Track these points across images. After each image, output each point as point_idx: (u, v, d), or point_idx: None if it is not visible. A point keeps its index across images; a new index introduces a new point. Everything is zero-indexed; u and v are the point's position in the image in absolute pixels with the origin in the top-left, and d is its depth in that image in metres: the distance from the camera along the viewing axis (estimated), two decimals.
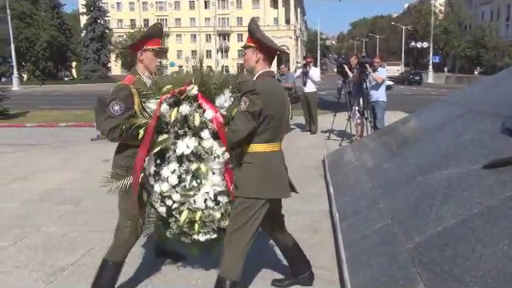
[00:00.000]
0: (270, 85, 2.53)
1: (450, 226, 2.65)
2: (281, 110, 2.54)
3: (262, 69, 2.54)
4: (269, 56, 2.56)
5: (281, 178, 2.60)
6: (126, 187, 2.66)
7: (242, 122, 2.39)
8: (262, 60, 2.53)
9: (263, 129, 2.46)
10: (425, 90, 30.57)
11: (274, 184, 2.54)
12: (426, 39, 54.35)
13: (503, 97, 4.49)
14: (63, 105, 22.40)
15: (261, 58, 2.53)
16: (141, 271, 3.25)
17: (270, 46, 2.52)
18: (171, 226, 2.81)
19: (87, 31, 52.41)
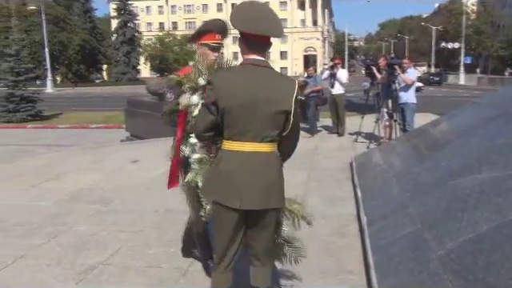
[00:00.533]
0: (230, 74, 2.22)
1: (484, 232, 2.56)
2: (245, 102, 2.04)
3: (245, 57, 2.15)
4: (250, 42, 2.08)
5: (231, 182, 2.08)
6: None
7: (199, 115, 2.29)
8: (244, 48, 2.13)
9: (226, 123, 2.10)
10: (456, 92, 29.83)
11: (219, 186, 2.13)
12: (457, 40, 52.97)
13: None
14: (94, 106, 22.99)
15: (243, 47, 2.15)
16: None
17: (247, 32, 2.06)
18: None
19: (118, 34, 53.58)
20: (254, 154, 2.08)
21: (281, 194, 2.16)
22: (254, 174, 2.07)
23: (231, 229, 2.16)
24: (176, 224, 4.29)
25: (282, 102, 2.07)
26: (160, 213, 4.64)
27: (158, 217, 4.53)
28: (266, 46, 2.12)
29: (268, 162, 2.11)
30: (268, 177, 2.10)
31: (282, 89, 2.09)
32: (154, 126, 11.02)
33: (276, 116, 2.07)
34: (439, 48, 59.49)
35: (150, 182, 5.93)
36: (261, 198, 2.07)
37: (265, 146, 2.09)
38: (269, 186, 2.09)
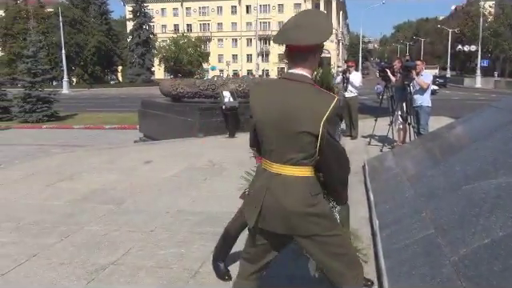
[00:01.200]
0: (263, 88, 2.09)
1: (499, 238, 2.51)
2: (268, 119, 1.93)
3: (286, 71, 2.05)
4: (286, 54, 1.97)
5: (251, 201, 2.04)
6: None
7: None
8: (287, 62, 2.03)
9: (259, 139, 2.04)
10: (473, 95, 29.42)
11: (246, 201, 2.16)
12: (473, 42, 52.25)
13: None
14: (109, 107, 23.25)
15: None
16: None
17: (276, 44, 2.00)
18: None
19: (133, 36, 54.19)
20: (278, 176, 1.94)
21: (304, 222, 1.94)
22: (273, 196, 1.94)
23: (251, 243, 2.16)
24: (187, 225, 4.31)
25: (306, 121, 1.85)
26: (171, 213, 4.66)
27: (169, 217, 4.54)
28: (301, 56, 1.91)
29: (293, 186, 1.92)
30: (288, 203, 1.92)
31: (309, 107, 1.86)
32: (167, 127, 11.15)
33: (298, 137, 1.87)
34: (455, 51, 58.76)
35: (162, 182, 5.96)
36: (276, 222, 1.96)
37: (290, 168, 1.92)
38: (287, 212, 1.92)
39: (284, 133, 1.89)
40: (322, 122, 1.83)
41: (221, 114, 10.29)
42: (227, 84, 11.35)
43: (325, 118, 1.83)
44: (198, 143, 9.40)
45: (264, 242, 2.10)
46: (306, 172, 1.93)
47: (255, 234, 2.10)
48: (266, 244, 2.11)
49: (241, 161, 7.41)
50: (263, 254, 2.15)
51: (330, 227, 2.00)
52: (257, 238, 2.11)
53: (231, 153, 8.08)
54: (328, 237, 1.99)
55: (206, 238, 3.96)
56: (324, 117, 1.83)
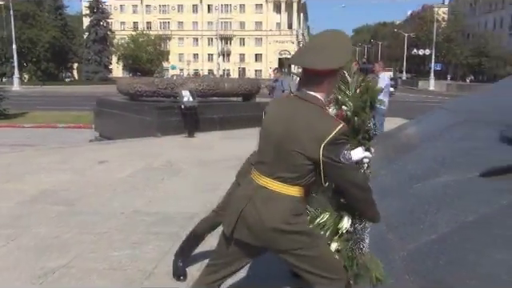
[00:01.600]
0: (275, 103, 2.12)
1: (445, 233, 2.62)
2: (267, 133, 1.96)
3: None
4: (303, 75, 1.92)
5: (231, 209, 2.05)
6: None
7: None
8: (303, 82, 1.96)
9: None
10: (426, 98, 30.57)
11: (227, 210, 2.17)
12: (428, 46, 54.43)
13: (503, 106, 4.46)
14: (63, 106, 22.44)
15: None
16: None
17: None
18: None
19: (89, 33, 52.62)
20: (264, 189, 1.92)
21: (280, 238, 1.91)
22: (254, 208, 1.91)
23: (223, 250, 2.11)
24: (142, 225, 4.22)
25: (304, 143, 1.81)
26: (126, 214, 4.54)
27: (124, 218, 4.43)
28: (317, 79, 1.85)
29: (275, 202, 1.89)
30: (266, 217, 1.89)
31: (311, 129, 1.81)
32: (124, 127, 10.91)
33: (293, 156, 1.84)
34: (411, 54, 60.95)
35: (117, 182, 5.81)
36: (252, 234, 1.93)
37: (277, 184, 1.89)
38: (264, 226, 1.90)
39: (281, 149, 1.87)
40: (322, 146, 1.78)
41: (180, 114, 10.18)
42: (187, 83, 11.26)
43: (325, 142, 1.78)
44: (155, 143, 9.25)
45: (236, 251, 2.07)
46: (292, 191, 1.91)
47: (229, 242, 2.07)
48: (239, 253, 2.07)
49: (199, 161, 7.38)
50: (233, 261, 2.11)
51: (309, 245, 1.95)
52: (230, 246, 2.07)
53: (190, 153, 8.01)
54: (304, 256, 1.96)
55: (161, 238, 3.89)
56: (324, 141, 1.78)
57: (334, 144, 1.78)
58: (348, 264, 2.05)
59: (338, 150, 1.79)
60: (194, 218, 4.42)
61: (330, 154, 1.79)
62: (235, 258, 2.10)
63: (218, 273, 2.14)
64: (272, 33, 79.80)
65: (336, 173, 1.84)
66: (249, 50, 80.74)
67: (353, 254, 2.06)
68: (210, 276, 2.16)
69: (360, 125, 2.10)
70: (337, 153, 1.79)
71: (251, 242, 1.96)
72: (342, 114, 2.13)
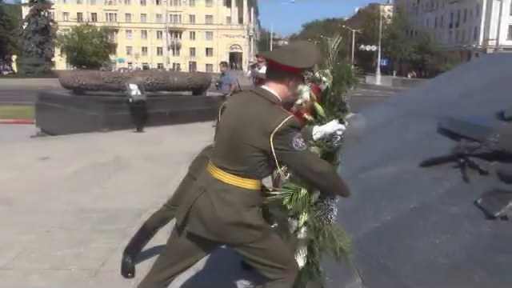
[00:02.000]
0: (232, 98, 2.28)
1: (387, 221, 2.73)
2: (222, 126, 2.05)
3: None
4: (267, 70, 2.06)
5: (185, 201, 2.07)
6: None
7: None
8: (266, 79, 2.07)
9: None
10: (372, 92, 31.62)
11: (181, 202, 2.18)
12: (374, 43, 56.29)
13: (441, 99, 4.69)
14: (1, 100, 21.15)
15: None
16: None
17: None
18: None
19: (29, 23, 49.74)
20: (218, 182, 1.94)
21: (233, 230, 1.92)
22: (207, 200, 1.93)
23: (174, 245, 2.09)
24: (88, 223, 4.09)
25: (254, 135, 1.86)
26: (71, 212, 4.37)
27: (68, 216, 4.26)
28: (277, 74, 1.94)
29: (229, 195, 1.92)
30: (219, 210, 1.91)
31: (260, 121, 1.86)
32: (67, 122, 10.46)
33: (245, 148, 1.88)
34: (358, 50, 62.72)
35: (60, 180, 5.58)
36: (204, 226, 1.94)
37: (231, 177, 1.92)
38: (217, 219, 1.91)
39: (232, 142, 1.91)
40: (272, 137, 1.82)
41: (127, 108, 9.91)
42: (134, 77, 10.98)
43: (273, 133, 1.81)
44: (102, 138, 8.95)
45: (188, 245, 2.04)
46: (246, 184, 1.93)
47: (181, 236, 2.04)
48: (191, 247, 2.05)
49: (149, 156, 7.24)
50: (184, 257, 2.08)
51: (261, 237, 1.96)
52: (182, 240, 2.05)
53: (138, 148, 7.83)
54: (256, 248, 1.98)
55: (108, 235, 3.78)
56: (272, 133, 1.81)
57: (283, 134, 1.81)
58: (315, 235, 2.08)
59: (289, 138, 1.82)
60: (143, 214, 4.33)
61: (281, 144, 1.82)
62: (186, 254, 2.07)
63: (168, 270, 2.10)
64: (223, 27, 79.34)
65: (291, 161, 1.86)
66: (199, 44, 79.76)
67: (320, 225, 2.09)
68: (159, 274, 2.12)
69: (336, 97, 2.12)
70: (287, 141, 1.82)
71: (203, 234, 1.95)
72: (318, 87, 2.14)
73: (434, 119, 4.10)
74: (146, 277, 2.19)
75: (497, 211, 2.27)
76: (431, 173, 3.12)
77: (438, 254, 2.28)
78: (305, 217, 2.09)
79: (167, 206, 3.03)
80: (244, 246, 1.97)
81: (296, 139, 1.83)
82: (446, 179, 2.90)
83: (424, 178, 3.10)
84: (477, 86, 4.40)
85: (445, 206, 2.65)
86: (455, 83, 5.07)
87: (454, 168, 3.00)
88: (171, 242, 2.11)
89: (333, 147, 2.10)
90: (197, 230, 1.96)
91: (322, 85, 2.13)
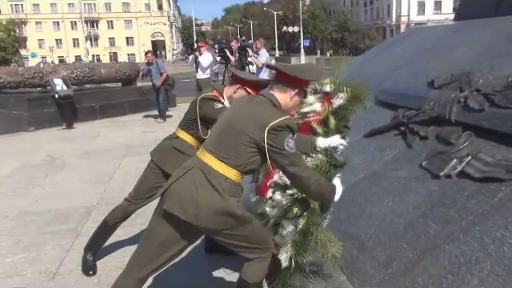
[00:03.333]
0: (237, 99, 2.47)
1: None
2: (224, 116, 2.15)
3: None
4: (274, 77, 2.19)
5: (169, 179, 2.14)
6: None
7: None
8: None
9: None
10: None
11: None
12: (296, 24, 57.44)
13: (373, 73, 4.96)
14: None
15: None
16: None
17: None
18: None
19: None
20: (206, 165, 1.98)
21: (209, 214, 1.92)
22: (192, 177, 1.96)
23: (150, 238, 2.05)
24: (34, 226, 3.90)
25: (248, 126, 1.94)
26: (11, 218, 4.12)
27: (9, 222, 4.01)
28: (282, 83, 2.06)
29: (213, 179, 1.94)
30: (201, 191, 1.92)
31: (259, 116, 1.95)
32: None
33: (236, 136, 1.96)
34: (281, 32, 63.71)
35: None
36: (182, 205, 1.93)
37: (219, 164, 1.97)
38: (197, 198, 1.92)
39: (229, 130, 1.99)
40: (267, 130, 1.88)
41: (54, 104, 9.35)
42: (58, 71, 10.34)
43: (269, 126, 1.88)
44: (29, 138, 8.40)
45: (167, 236, 2.01)
46: (231, 173, 1.97)
47: (159, 226, 2.02)
48: (170, 237, 2.02)
49: (85, 152, 6.93)
50: (164, 249, 2.04)
51: (238, 226, 1.99)
52: (160, 231, 2.02)
53: (72, 145, 7.46)
54: (235, 235, 2.01)
55: (59, 236, 3.63)
56: (268, 126, 1.89)
57: (278, 130, 1.89)
58: (306, 239, 2.19)
59: (282, 137, 1.90)
60: (92, 212, 4.20)
61: (274, 141, 1.90)
62: (166, 246, 2.03)
63: (148, 266, 2.06)
64: (142, 14, 76.49)
65: (280, 159, 1.94)
66: (119, 34, 76.33)
67: (313, 230, 2.19)
68: (138, 271, 2.07)
69: (346, 114, 2.29)
70: (280, 140, 1.90)
71: (179, 214, 1.92)
72: (330, 99, 2.36)
73: (370, 93, 4.35)
74: (122, 275, 2.13)
75: (441, 171, 2.50)
76: (376, 143, 3.33)
77: (393, 215, 2.47)
78: (302, 222, 2.20)
79: (129, 201, 2.96)
80: (222, 232, 2.00)
81: (288, 139, 1.91)
82: (390, 147, 3.13)
83: (370, 148, 3.31)
84: (405, 59, 4.72)
85: (393, 171, 2.87)
86: (384, 58, 5.38)
87: (396, 136, 3.24)
88: (149, 235, 2.08)
89: (333, 158, 2.24)
90: (174, 209, 1.93)
91: (338, 99, 2.33)
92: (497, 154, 2.36)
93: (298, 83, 2.06)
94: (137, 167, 5.31)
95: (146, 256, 2.05)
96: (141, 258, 2.07)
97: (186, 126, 2.83)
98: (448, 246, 2.02)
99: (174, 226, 1.98)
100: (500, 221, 1.96)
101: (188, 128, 2.82)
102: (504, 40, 3.66)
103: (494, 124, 2.51)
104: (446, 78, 3.38)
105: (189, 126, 2.81)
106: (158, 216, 2.03)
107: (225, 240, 2.04)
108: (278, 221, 2.33)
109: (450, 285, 1.82)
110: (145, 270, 2.06)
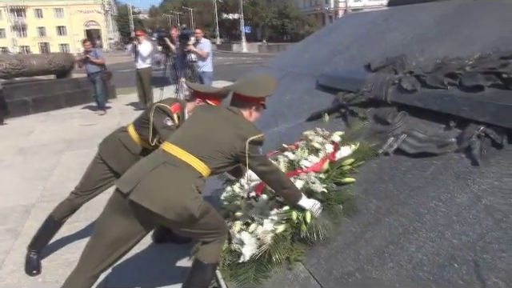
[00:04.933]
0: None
1: None
2: (196, 119, 2.33)
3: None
4: (232, 99, 2.37)
5: (135, 171, 2.15)
6: None
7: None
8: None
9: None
10: (241, 60, 32.41)
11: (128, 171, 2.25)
12: (236, 11, 57.17)
13: (313, 59, 5.09)
14: None
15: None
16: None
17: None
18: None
19: None
20: (178, 159, 2.05)
21: (176, 207, 1.96)
22: (166, 171, 2.01)
23: (108, 227, 2.02)
24: None
25: (229, 135, 2.13)
26: None
27: None
28: (241, 103, 2.27)
29: (185, 173, 2.02)
30: (171, 186, 1.98)
31: (236, 126, 2.16)
32: None
33: (216, 142, 2.11)
34: (222, 19, 63.17)
35: None
36: (152, 196, 1.94)
37: (192, 158, 2.06)
38: (170, 189, 1.97)
39: (209, 134, 2.14)
40: (248, 142, 2.10)
41: None
42: None
43: (249, 140, 2.10)
44: None
45: (123, 229, 2.00)
46: (205, 172, 2.08)
47: (114, 221, 2.00)
48: (126, 231, 2.01)
49: (20, 149, 6.55)
50: (119, 244, 2.03)
51: (200, 218, 2.03)
52: (115, 225, 2.00)
53: (4, 141, 7.04)
54: (196, 226, 2.06)
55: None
56: (249, 139, 2.10)
57: (255, 143, 2.15)
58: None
59: (257, 148, 2.17)
60: (32, 210, 4.03)
61: (251, 150, 2.13)
62: (121, 240, 2.02)
63: (103, 261, 2.05)
64: (73, 2, 72.70)
65: (254, 163, 2.17)
66: (49, 23, 72.01)
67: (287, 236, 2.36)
68: (92, 267, 2.04)
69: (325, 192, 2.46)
70: (255, 149, 2.16)
71: (147, 205, 1.93)
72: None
73: (311, 77, 4.47)
74: (74, 273, 2.09)
75: (379, 149, 2.64)
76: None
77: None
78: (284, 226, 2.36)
79: (76, 194, 2.87)
80: (185, 225, 2.04)
81: (260, 149, 2.20)
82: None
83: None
84: (342, 44, 4.88)
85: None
86: (323, 43, 5.53)
87: (337, 118, 3.36)
88: (103, 231, 2.05)
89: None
90: (143, 200, 1.93)
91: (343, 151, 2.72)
92: (429, 131, 2.53)
93: (253, 101, 2.26)
94: (78, 162, 5.15)
95: (101, 252, 2.03)
96: (94, 254, 2.04)
97: (138, 126, 2.83)
98: (388, 219, 2.15)
99: (134, 219, 1.99)
100: (433, 192, 2.11)
101: (140, 128, 2.82)
102: (433, 24, 3.89)
103: (425, 103, 2.67)
104: (382, 61, 3.55)
105: (141, 126, 2.80)
106: (115, 210, 2.01)
107: (185, 230, 2.10)
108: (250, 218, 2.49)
109: (390, 253, 1.94)
110: (99, 267, 2.05)
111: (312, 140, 2.95)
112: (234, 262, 2.39)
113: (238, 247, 2.38)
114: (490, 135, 2.16)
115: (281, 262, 2.29)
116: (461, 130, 2.34)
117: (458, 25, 3.56)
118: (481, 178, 2.02)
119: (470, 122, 2.31)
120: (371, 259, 1.99)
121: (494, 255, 1.65)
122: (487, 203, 1.88)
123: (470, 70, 2.60)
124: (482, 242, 1.73)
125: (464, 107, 2.39)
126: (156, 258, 3.00)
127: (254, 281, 2.27)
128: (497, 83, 2.37)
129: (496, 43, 2.86)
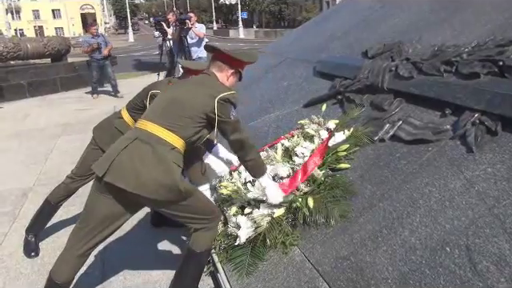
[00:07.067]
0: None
1: None
2: (168, 92, 2.25)
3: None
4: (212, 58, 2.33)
5: (109, 152, 2.09)
6: None
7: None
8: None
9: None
10: (238, 46, 32.21)
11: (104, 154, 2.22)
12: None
13: (311, 45, 5.08)
14: None
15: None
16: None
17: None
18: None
19: None
20: (151, 134, 2.00)
21: (155, 184, 1.91)
22: (139, 148, 1.96)
23: (92, 209, 2.02)
24: None
25: (198, 97, 2.06)
26: None
27: None
28: (219, 63, 2.22)
29: (160, 147, 1.96)
30: (149, 160, 1.92)
31: (205, 87, 2.10)
32: None
33: (184, 107, 2.04)
34: (218, 4, 62.52)
35: None
36: (128, 175, 1.90)
37: (166, 132, 2.00)
38: (145, 167, 1.91)
39: (177, 103, 2.06)
40: (216, 100, 2.02)
41: None
42: None
43: (219, 97, 2.03)
44: None
45: (109, 208, 1.99)
46: (178, 143, 2.01)
47: (99, 199, 2.00)
48: (112, 210, 2.00)
49: (16, 132, 6.54)
50: (105, 222, 2.02)
51: (184, 197, 2.00)
52: (101, 204, 1.99)
53: (0, 125, 7.01)
54: (180, 206, 2.03)
55: None
56: (218, 96, 2.03)
57: (226, 101, 2.05)
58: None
59: (229, 108, 2.07)
60: (29, 194, 4.04)
61: (221, 111, 2.04)
62: (108, 219, 2.02)
63: (90, 240, 2.05)
64: None
65: (225, 128, 2.10)
66: (44, 6, 70.95)
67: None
68: (80, 246, 2.05)
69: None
70: (227, 111, 2.06)
71: (122, 185, 1.89)
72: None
73: (308, 64, 4.47)
74: (64, 251, 2.11)
75: (375, 135, 2.66)
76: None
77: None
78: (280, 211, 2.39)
79: (72, 178, 2.88)
80: (166, 204, 2.01)
81: (232, 111, 2.09)
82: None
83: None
84: (340, 30, 4.86)
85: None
86: (320, 30, 5.51)
87: (334, 105, 3.37)
88: (89, 209, 2.05)
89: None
90: (118, 181, 1.90)
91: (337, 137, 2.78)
92: (424, 118, 2.55)
93: (236, 64, 2.22)
94: (74, 146, 5.14)
95: (87, 232, 2.03)
96: (81, 234, 2.05)
97: (133, 110, 2.81)
98: (382, 204, 2.18)
99: (117, 200, 1.97)
100: (427, 178, 2.14)
101: (134, 112, 2.79)
102: (428, 11, 3.89)
103: (421, 90, 2.69)
104: (379, 48, 3.55)
105: (135, 110, 2.78)
106: (98, 191, 2.00)
107: (169, 212, 2.06)
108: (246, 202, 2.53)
109: (384, 238, 1.98)
110: (87, 246, 2.05)
111: (307, 127, 2.98)
112: (229, 245, 2.43)
113: (234, 231, 2.41)
114: (484, 122, 2.18)
115: (276, 246, 2.32)
116: (456, 117, 2.36)
117: (455, 11, 3.56)
118: (474, 164, 2.05)
119: (466, 109, 2.33)
120: (365, 243, 2.02)
121: (486, 240, 1.69)
122: (480, 189, 1.91)
123: (466, 57, 2.62)
124: (474, 227, 1.76)
125: (459, 94, 2.41)
126: (153, 241, 3.03)
127: (249, 264, 2.30)
128: (493, 71, 2.39)
129: (493, 30, 2.87)
